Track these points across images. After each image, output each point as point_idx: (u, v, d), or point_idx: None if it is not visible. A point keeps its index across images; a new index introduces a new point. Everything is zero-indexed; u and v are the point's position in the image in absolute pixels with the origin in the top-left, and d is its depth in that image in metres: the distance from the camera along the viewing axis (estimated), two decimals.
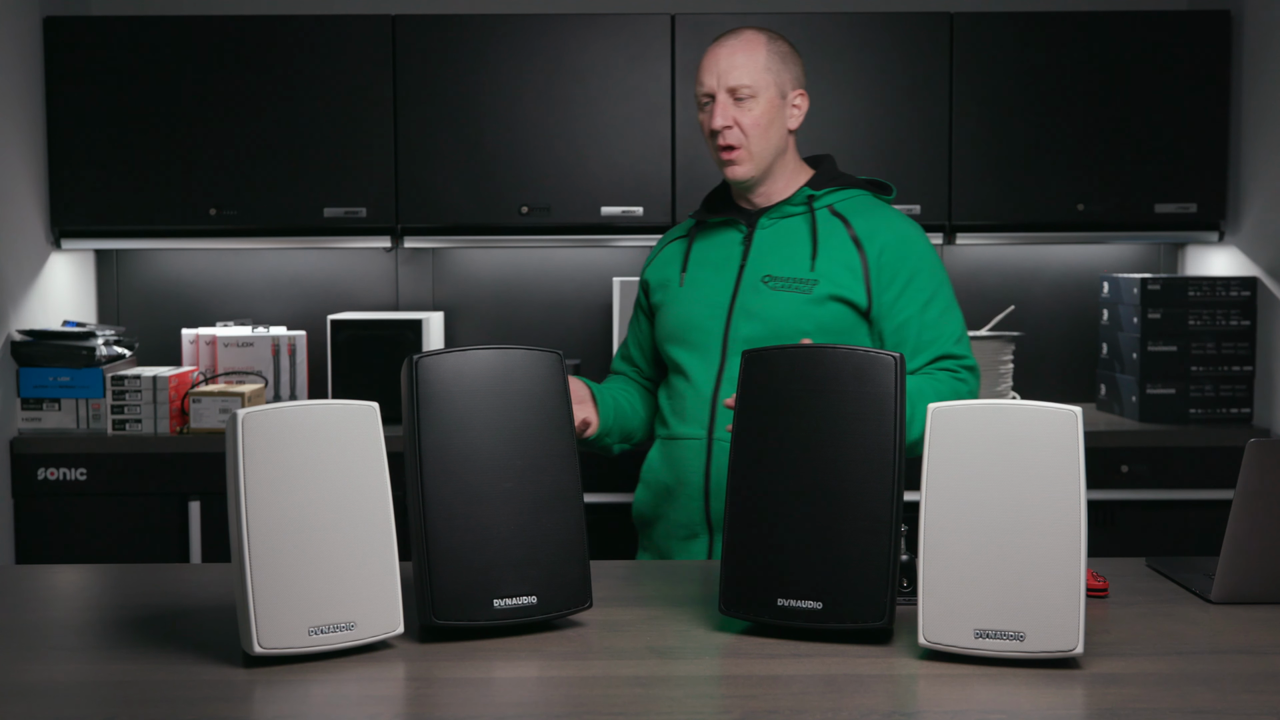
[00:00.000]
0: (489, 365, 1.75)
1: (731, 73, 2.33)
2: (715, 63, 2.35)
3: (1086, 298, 4.10)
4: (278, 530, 1.60)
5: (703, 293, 2.37)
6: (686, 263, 2.42)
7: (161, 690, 1.54)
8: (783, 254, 2.34)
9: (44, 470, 3.49)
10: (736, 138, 2.33)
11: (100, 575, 2.15)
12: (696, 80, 2.39)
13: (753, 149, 2.34)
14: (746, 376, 1.76)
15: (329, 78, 3.69)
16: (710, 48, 2.38)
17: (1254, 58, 3.69)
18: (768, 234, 2.37)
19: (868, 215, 2.37)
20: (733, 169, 2.35)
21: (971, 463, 1.61)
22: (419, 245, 3.82)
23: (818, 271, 2.31)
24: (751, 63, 2.33)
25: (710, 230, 2.44)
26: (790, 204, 2.38)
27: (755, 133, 2.33)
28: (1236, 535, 1.86)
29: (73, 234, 3.74)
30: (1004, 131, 3.73)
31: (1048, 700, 1.50)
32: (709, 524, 2.32)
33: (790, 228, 2.37)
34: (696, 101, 2.40)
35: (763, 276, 2.33)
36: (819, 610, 1.68)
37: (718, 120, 2.33)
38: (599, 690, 1.55)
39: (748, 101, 2.33)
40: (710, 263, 2.40)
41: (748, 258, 2.36)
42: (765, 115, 2.34)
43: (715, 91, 2.34)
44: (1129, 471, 3.55)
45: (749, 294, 2.33)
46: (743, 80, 2.32)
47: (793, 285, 2.31)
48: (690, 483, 2.32)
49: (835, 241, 2.33)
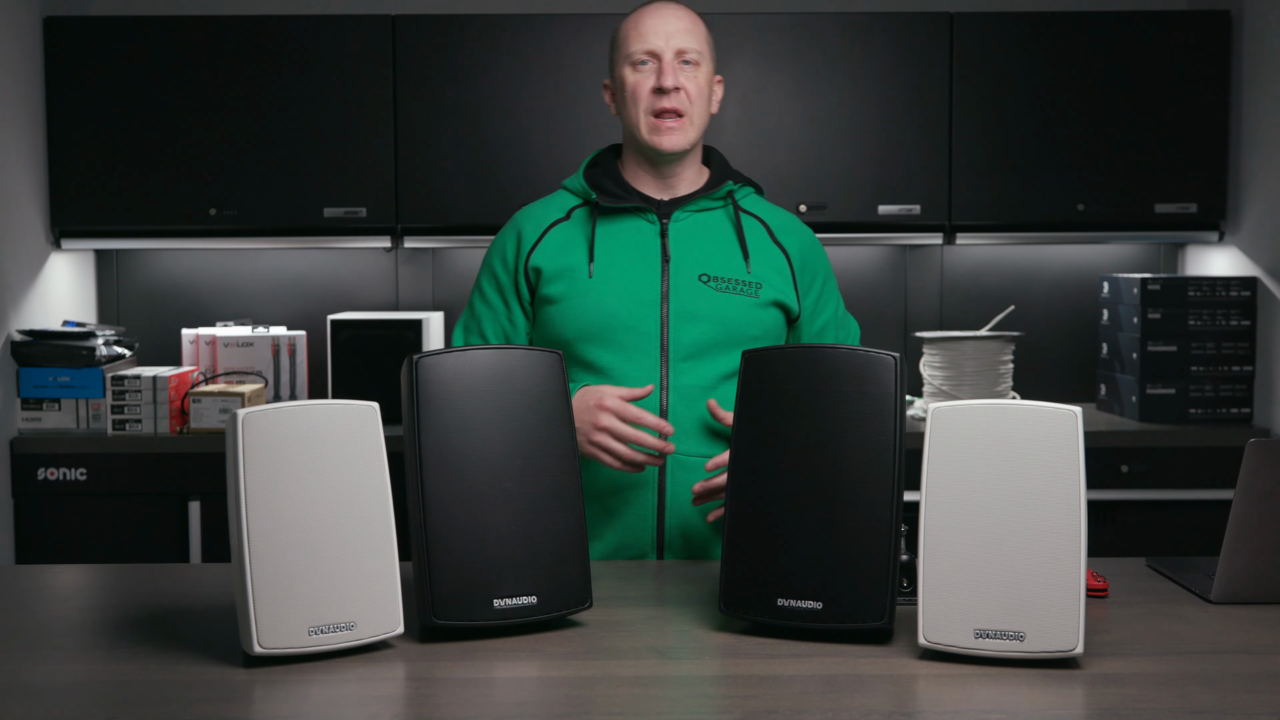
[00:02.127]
0: (489, 365, 1.75)
1: (680, 35, 2.18)
2: (662, 23, 2.19)
3: (1086, 298, 4.10)
4: (278, 530, 1.60)
5: (623, 287, 2.18)
6: (593, 250, 2.21)
7: (161, 690, 1.54)
8: (710, 250, 2.21)
9: (44, 470, 3.49)
10: (682, 102, 2.18)
11: (100, 575, 2.15)
12: (627, 39, 2.21)
13: (695, 118, 2.19)
14: (746, 376, 1.76)
15: (329, 78, 3.69)
16: (647, 9, 2.22)
17: (1254, 58, 3.69)
18: (685, 227, 2.22)
19: (775, 214, 2.30)
20: (671, 137, 2.18)
21: (971, 463, 1.61)
22: (419, 245, 3.82)
23: (755, 273, 2.22)
24: (697, 30, 2.22)
25: (610, 216, 2.23)
26: (709, 197, 2.24)
27: (700, 101, 2.20)
28: (1236, 535, 1.86)
29: (73, 234, 3.74)
30: (1004, 131, 3.73)
31: (1048, 700, 1.50)
32: (660, 545, 2.19)
33: (710, 222, 2.24)
34: (625, 63, 2.21)
35: (699, 275, 2.19)
36: (819, 610, 1.68)
37: (668, 79, 2.16)
38: (599, 690, 1.55)
39: (692, 68, 2.19)
40: (622, 253, 2.20)
41: (669, 252, 2.20)
42: (706, 85, 2.23)
43: (663, 52, 2.17)
44: (1129, 471, 3.55)
45: (686, 293, 2.18)
46: (690, 44, 2.19)
47: (738, 287, 2.19)
48: (641, 502, 2.17)
49: (760, 242, 2.25)
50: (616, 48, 2.25)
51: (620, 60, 2.23)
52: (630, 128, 2.23)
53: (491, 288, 2.28)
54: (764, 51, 3.70)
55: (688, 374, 2.18)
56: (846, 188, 3.74)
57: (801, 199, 3.73)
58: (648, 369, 2.17)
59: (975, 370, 3.66)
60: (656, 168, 2.25)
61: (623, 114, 2.24)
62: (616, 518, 2.19)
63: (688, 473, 2.16)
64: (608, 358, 2.17)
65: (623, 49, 2.22)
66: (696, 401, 2.17)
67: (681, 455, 2.16)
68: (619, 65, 2.24)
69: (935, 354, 3.71)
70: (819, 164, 3.73)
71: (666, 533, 2.19)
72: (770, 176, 3.70)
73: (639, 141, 2.22)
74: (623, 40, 2.23)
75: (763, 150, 3.71)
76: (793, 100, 3.72)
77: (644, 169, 2.26)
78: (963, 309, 4.10)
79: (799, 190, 3.73)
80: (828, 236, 3.76)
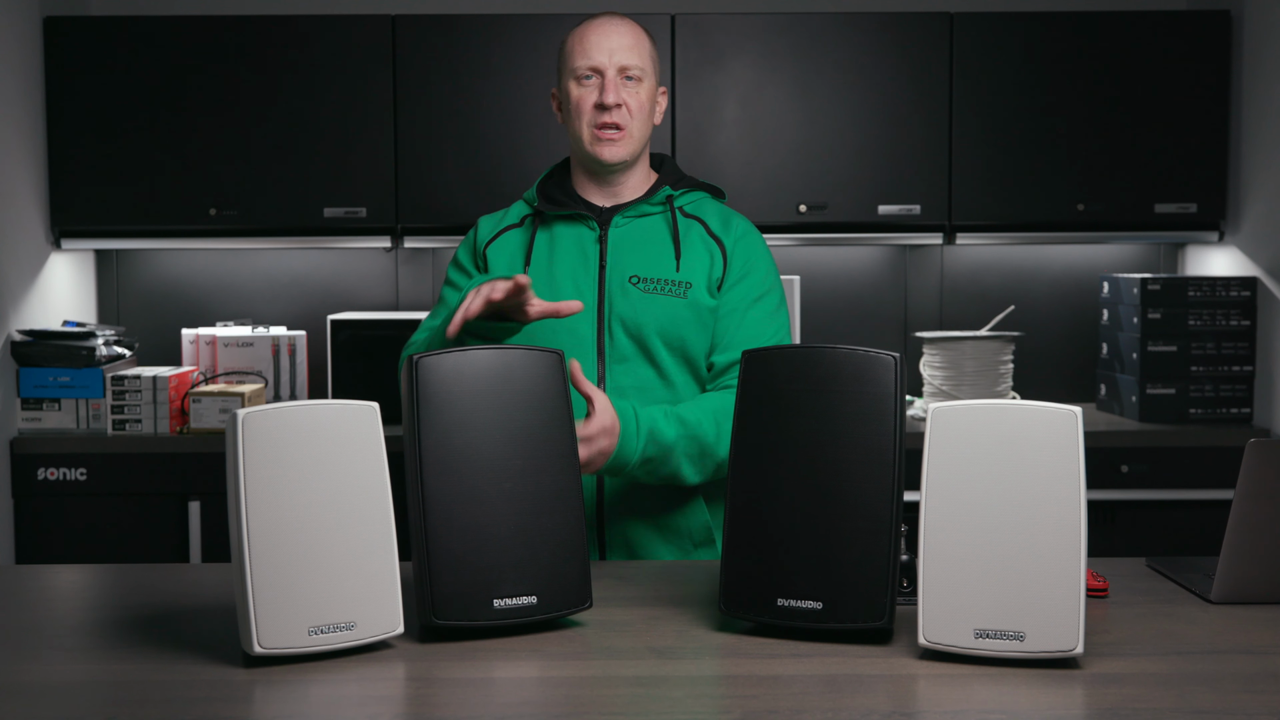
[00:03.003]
0: (489, 365, 1.75)
1: (623, 51, 2.24)
2: (605, 39, 2.24)
3: (1086, 298, 4.10)
4: (278, 530, 1.60)
5: (562, 291, 2.24)
6: (530, 255, 2.28)
7: (161, 690, 1.54)
8: (644, 254, 2.26)
9: (44, 470, 3.49)
10: (624, 117, 2.24)
11: (100, 575, 2.15)
12: (573, 54, 2.27)
13: (635, 132, 2.25)
14: (746, 376, 1.76)
15: (329, 78, 3.69)
16: (592, 24, 2.27)
17: (1254, 58, 3.69)
18: (624, 233, 2.28)
19: (718, 214, 2.33)
20: (612, 149, 2.24)
21: (971, 463, 1.61)
22: (419, 245, 3.82)
23: (684, 273, 2.24)
24: (640, 46, 2.27)
25: (553, 223, 2.30)
26: (648, 203, 2.29)
27: (641, 115, 2.26)
28: (1236, 535, 1.86)
29: (73, 234, 3.74)
30: (1004, 131, 3.73)
31: (1048, 700, 1.50)
32: (601, 547, 2.23)
33: (648, 227, 2.28)
34: (569, 77, 2.27)
35: (629, 277, 2.24)
36: (819, 610, 1.68)
37: (610, 96, 2.22)
38: (599, 690, 1.55)
39: (635, 84, 2.25)
40: (562, 259, 2.27)
41: (606, 257, 2.26)
42: (649, 100, 2.28)
43: (605, 68, 2.23)
44: (1129, 471, 3.55)
45: (618, 297, 2.23)
46: (633, 60, 2.24)
47: (665, 287, 2.23)
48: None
49: (695, 241, 2.28)
50: (562, 61, 2.31)
51: (565, 73, 2.29)
52: (574, 138, 2.30)
53: (460, 277, 2.36)
54: (764, 51, 3.70)
55: (623, 375, 2.23)
56: (846, 188, 3.74)
57: (801, 199, 3.73)
58: (585, 371, 2.21)
59: (975, 370, 3.66)
60: (600, 177, 2.31)
61: (567, 124, 2.31)
62: None
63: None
64: None
65: (568, 63, 2.28)
66: (633, 401, 2.19)
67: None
68: (564, 78, 2.29)
69: (935, 354, 3.71)
70: (819, 164, 3.73)
71: (607, 533, 2.23)
72: (770, 176, 3.70)
73: (582, 152, 2.29)
74: (568, 55, 2.29)
75: (763, 150, 3.71)
76: (793, 100, 3.72)
77: (589, 178, 2.33)
78: (963, 309, 4.10)
79: (799, 190, 3.73)
80: (828, 236, 3.76)
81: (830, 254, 4.08)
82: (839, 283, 4.09)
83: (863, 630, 1.68)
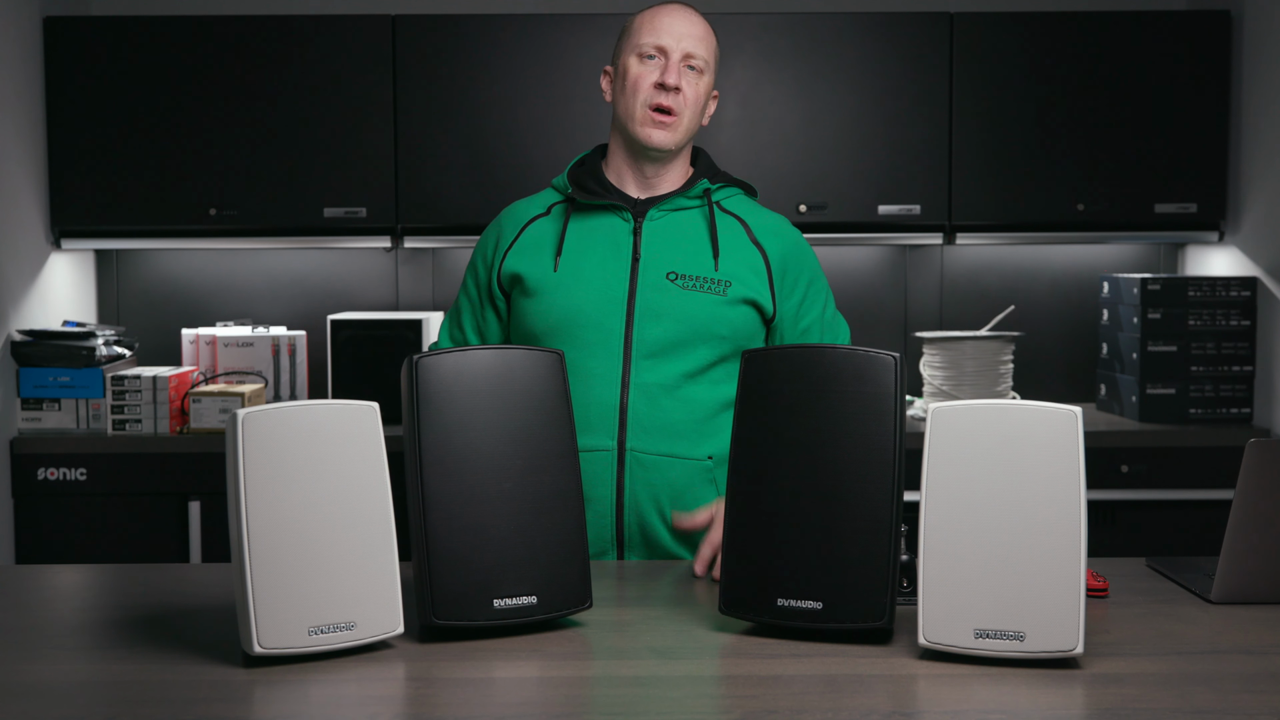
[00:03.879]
0: (489, 365, 1.75)
1: (691, 39, 2.21)
2: (676, 24, 2.22)
3: (1086, 298, 4.10)
4: (278, 530, 1.60)
5: (591, 284, 2.20)
6: (561, 246, 2.23)
7: (161, 690, 1.54)
8: (682, 249, 2.22)
9: (44, 470, 3.49)
10: (679, 103, 2.20)
11: (100, 575, 2.15)
12: (640, 30, 2.22)
13: (686, 121, 2.22)
14: (746, 376, 1.76)
15: (329, 78, 3.69)
16: (665, 7, 2.25)
17: (1254, 58, 3.69)
18: (659, 225, 2.23)
19: (759, 216, 2.30)
20: (661, 133, 2.20)
21: (971, 463, 1.61)
22: (419, 245, 3.82)
23: (723, 271, 2.21)
24: (709, 40, 2.25)
25: (587, 213, 2.25)
26: (685, 196, 2.25)
27: (694, 107, 2.22)
28: (1236, 535, 1.86)
29: (73, 234, 3.74)
30: (1004, 131, 3.73)
31: (1048, 700, 1.50)
32: (620, 542, 2.20)
33: (684, 221, 2.25)
34: (632, 53, 2.23)
35: (666, 273, 2.20)
36: (819, 610, 1.68)
37: (671, 77, 2.19)
38: (599, 690, 1.55)
39: (696, 74, 2.22)
40: (593, 250, 2.22)
41: (640, 249, 2.21)
42: (705, 94, 2.25)
43: (671, 51, 2.20)
44: (1129, 471, 3.55)
45: (653, 291, 2.19)
46: (700, 51, 2.22)
47: (704, 285, 2.19)
48: (599, 499, 2.16)
49: (735, 241, 2.25)
50: (626, 36, 2.26)
51: (628, 49, 2.24)
52: (623, 117, 2.24)
53: (473, 283, 2.35)
54: (764, 51, 3.70)
55: (649, 371, 2.18)
56: (846, 188, 3.74)
57: (801, 199, 3.73)
58: (610, 366, 2.18)
59: (975, 370, 3.66)
60: (639, 164, 2.26)
61: (618, 102, 2.26)
62: None
63: (646, 470, 2.18)
64: (573, 353, 2.14)
65: (633, 39, 2.24)
66: (657, 399, 2.18)
67: (640, 453, 2.17)
68: (625, 54, 2.25)
69: (935, 354, 3.71)
70: (819, 164, 3.73)
71: (626, 530, 2.20)
72: (770, 176, 3.70)
73: (628, 132, 2.24)
74: (635, 30, 2.25)
75: (763, 150, 3.71)
76: (793, 100, 3.72)
77: (627, 164, 2.28)
78: (963, 309, 4.10)
79: (799, 190, 3.73)
80: (828, 236, 3.76)
81: (830, 254, 4.08)
82: (839, 283, 4.09)
83: (863, 630, 1.68)
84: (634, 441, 2.17)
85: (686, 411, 2.19)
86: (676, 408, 2.19)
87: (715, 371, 2.22)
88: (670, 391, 2.19)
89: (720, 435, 2.19)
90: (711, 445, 2.20)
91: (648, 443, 2.17)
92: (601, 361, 2.18)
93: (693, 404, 2.20)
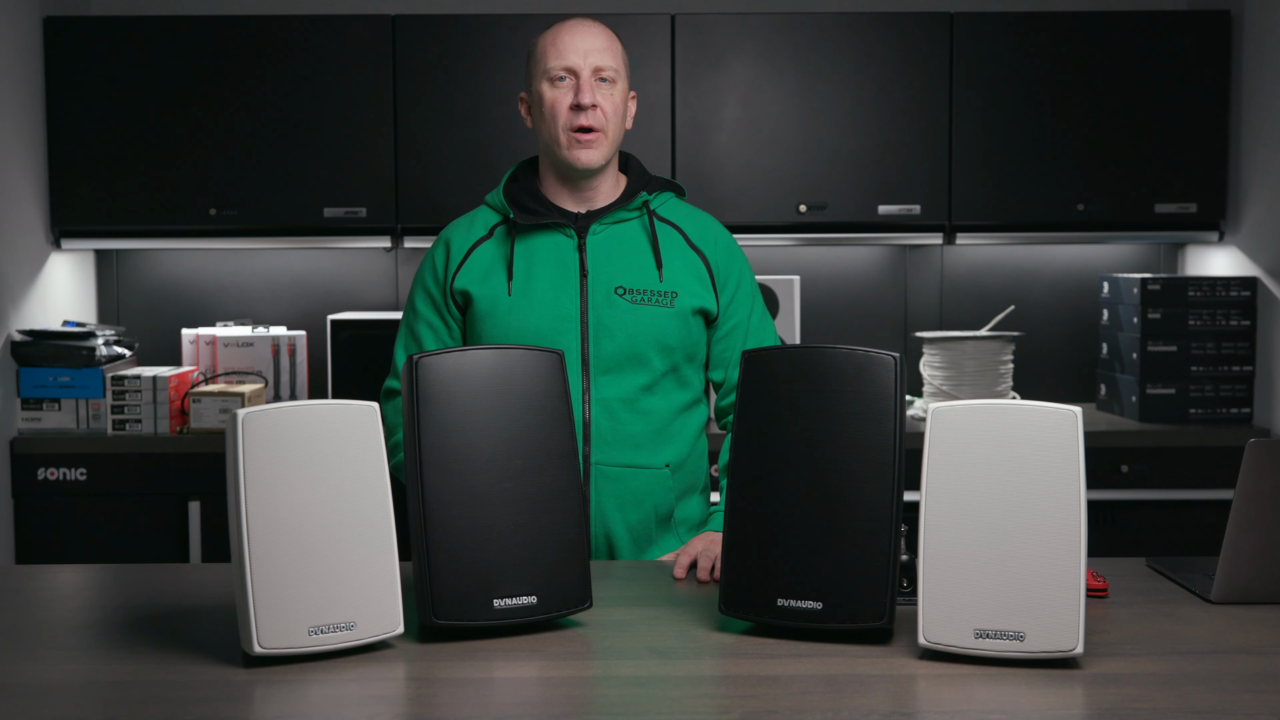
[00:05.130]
0: (489, 365, 1.75)
1: (597, 53, 2.22)
2: (578, 40, 2.22)
3: (1086, 298, 4.10)
4: (278, 530, 1.60)
5: (544, 303, 2.22)
6: (511, 269, 2.24)
7: (161, 690, 1.54)
8: (626, 262, 2.24)
9: (44, 470, 3.49)
10: (599, 119, 2.22)
11: (100, 575, 2.15)
12: (545, 55, 2.24)
13: (610, 134, 2.23)
14: (746, 376, 1.76)
15: (329, 78, 3.69)
16: (564, 25, 2.25)
17: (1254, 58, 3.69)
18: (602, 240, 2.26)
19: (693, 219, 2.32)
20: (588, 152, 2.22)
21: (971, 463, 1.61)
22: (419, 245, 3.82)
23: (668, 282, 2.24)
24: (613, 47, 2.26)
25: (529, 232, 2.27)
26: (625, 209, 2.27)
27: (615, 118, 2.24)
28: (1236, 535, 1.86)
29: (73, 234, 3.74)
30: (1004, 131, 3.73)
31: (1048, 700, 1.50)
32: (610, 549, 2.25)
33: (625, 233, 2.27)
34: (543, 79, 2.24)
35: (615, 288, 2.22)
36: (819, 610, 1.68)
37: (586, 97, 2.20)
38: (599, 690, 1.55)
39: (609, 85, 2.23)
40: (542, 269, 2.24)
41: (587, 265, 2.23)
42: (622, 102, 2.26)
43: (580, 70, 2.21)
44: (1129, 471, 3.55)
45: (604, 308, 2.21)
46: (607, 61, 2.23)
47: (651, 298, 2.22)
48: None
49: (675, 249, 2.27)
50: (534, 62, 2.28)
51: (538, 75, 2.26)
52: (548, 143, 2.26)
53: (425, 304, 2.31)
54: (764, 51, 3.70)
55: (608, 386, 2.22)
56: (846, 188, 3.74)
57: (801, 199, 3.73)
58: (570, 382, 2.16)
59: (975, 370, 3.66)
60: (573, 182, 2.28)
61: (539, 128, 2.28)
62: None
63: (610, 482, 2.22)
64: None
65: (540, 64, 2.25)
66: (617, 412, 2.21)
67: (604, 465, 2.21)
68: (536, 80, 2.27)
69: (935, 354, 3.71)
70: (819, 164, 3.73)
71: (593, 540, 2.23)
72: (770, 176, 3.70)
73: (556, 157, 2.26)
74: (541, 56, 2.26)
75: (763, 150, 3.72)
76: (793, 100, 3.72)
77: (561, 184, 2.30)
78: (963, 309, 4.10)
79: (799, 190, 3.73)
80: (828, 236, 3.76)
81: (830, 254, 4.08)
82: (839, 283, 4.09)
83: (862, 630, 1.68)
84: (598, 455, 2.21)
85: (645, 422, 2.23)
86: (635, 420, 2.23)
87: (666, 381, 2.26)
88: (629, 404, 2.23)
89: (675, 442, 2.26)
90: (668, 453, 2.26)
91: (610, 455, 2.22)
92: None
93: (650, 415, 2.24)
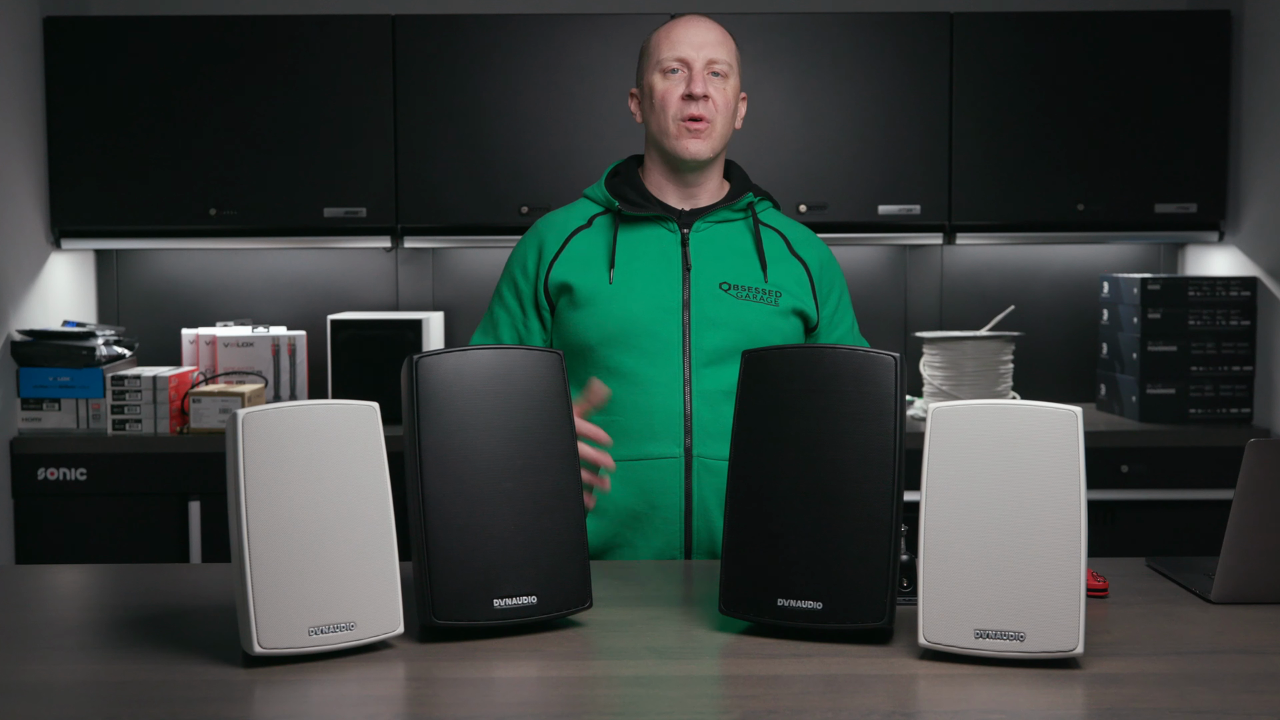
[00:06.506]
0: (489, 365, 1.75)
1: (710, 46, 2.23)
2: (693, 34, 2.23)
3: (1086, 298, 4.10)
4: (278, 530, 1.60)
5: (646, 293, 2.22)
6: (613, 258, 2.24)
7: (161, 690, 1.54)
8: (730, 260, 2.25)
9: (44, 470, 3.49)
10: (709, 110, 2.22)
11: (100, 575, 2.15)
12: (659, 47, 2.24)
13: (719, 128, 2.23)
14: (746, 376, 1.76)
15: (329, 78, 3.69)
16: (679, 21, 2.27)
17: (1254, 58, 3.69)
18: (706, 236, 2.26)
19: (794, 227, 2.34)
20: (696, 143, 2.22)
21: (971, 463, 1.61)
22: (419, 245, 3.82)
23: (772, 282, 2.25)
24: (728, 44, 2.27)
25: (632, 224, 2.27)
26: (730, 209, 2.28)
27: (725, 112, 2.24)
28: (1236, 535, 1.86)
29: (73, 234, 3.74)
30: (1004, 131, 3.73)
31: (1048, 700, 1.50)
32: (688, 548, 2.21)
33: (729, 233, 2.28)
34: (655, 70, 2.24)
35: (719, 283, 2.23)
36: (819, 610, 1.68)
37: (698, 87, 2.20)
38: (599, 690, 1.55)
39: (721, 79, 2.23)
40: (643, 260, 2.24)
41: (690, 259, 2.24)
42: (734, 97, 2.27)
43: (694, 61, 2.21)
44: (1129, 471, 3.55)
45: (708, 301, 2.22)
46: (721, 55, 2.23)
47: (758, 295, 2.23)
48: (667, 505, 2.19)
49: (778, 253, 2.29)
50: (647, 55, 2.29)
51: (650, 67, 2.27)
52: (657, 134, 2.26)
53: (511, 294, 2.32)
54: (764, 51, 3.70)
55: (710, 379, 2.21)
56: (846, 188, 3.74)
57: (801, 199, 3.73)
58: (671, 374, 2.20)
59: (975, 370, 3.66)
60: (679, 175, 2.28)
61: (649, 120, 2.28)
62: (646, 524, 2.21)
63: (712, 475, 2.20)
64: (631, 362, 2.20)
65: (653, 56, 2.26)
66: (719, 405, 2.20)
67: (706, 458, 2.20)
68: (648, 72, 2.27)
69: (935, 354, 3.71)
70: (819, 164, 3.73)
71: (695, 535, 2.21)
72: (770, 176, 3.70)
73: (663, 148, 2.26)
74: (654, 48, 2.27)
75: (763, 150, 3.71)
76: (793, 100, 3.72)
77: (666, 178, 2.29)
78: (963, 309, 4.10)
79: (799, 190, 3.73)
80: (828, 236, 3.76)
81: None
82: None
83: (862, 630, 1.68)
84: (700, 448, 2.19)
85: None
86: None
87: None
88: (730, 397, 2.18)
89: None
90: None
91: (713, 448, 2.20)
92: (662, 370, 2.20)
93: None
